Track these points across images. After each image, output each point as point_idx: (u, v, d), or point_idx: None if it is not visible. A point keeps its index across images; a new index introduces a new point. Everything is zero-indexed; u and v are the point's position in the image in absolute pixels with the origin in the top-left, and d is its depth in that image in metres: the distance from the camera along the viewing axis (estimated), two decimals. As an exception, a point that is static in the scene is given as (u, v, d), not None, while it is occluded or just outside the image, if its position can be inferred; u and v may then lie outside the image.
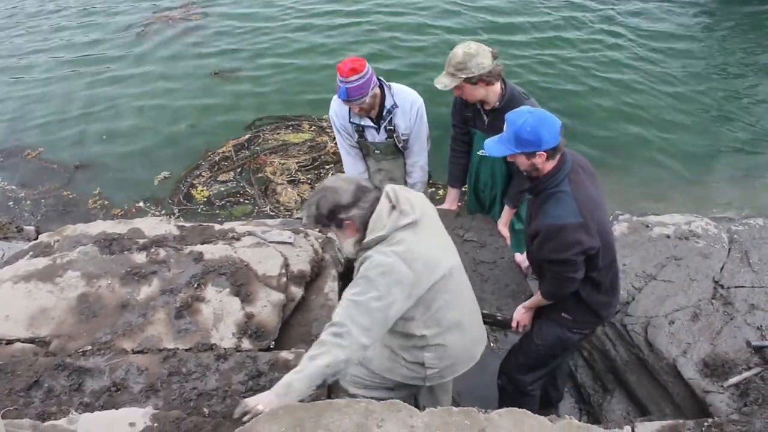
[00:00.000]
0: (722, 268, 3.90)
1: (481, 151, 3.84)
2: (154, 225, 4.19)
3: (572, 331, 3.18)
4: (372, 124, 3.90)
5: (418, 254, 2.48)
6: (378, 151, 4.04)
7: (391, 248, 2.45)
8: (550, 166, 2.79)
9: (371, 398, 2.64)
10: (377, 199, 2.55)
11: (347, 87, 3.58)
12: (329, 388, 3.16)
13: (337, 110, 3.96)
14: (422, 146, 4.05)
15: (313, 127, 7.54)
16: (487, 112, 3.68)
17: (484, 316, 3.36)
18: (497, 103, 3.60)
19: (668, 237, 4.18)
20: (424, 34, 9.35)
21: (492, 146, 2.86)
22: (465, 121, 3.86)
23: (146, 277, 3.66)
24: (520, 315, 3.29)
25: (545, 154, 2.73)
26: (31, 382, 3.04)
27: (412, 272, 2.45)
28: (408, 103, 3.87)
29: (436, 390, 3.01)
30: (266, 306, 3.54)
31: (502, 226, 3.89)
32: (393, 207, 2.53)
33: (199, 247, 3.89)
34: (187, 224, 4.31)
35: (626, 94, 8.02)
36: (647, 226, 4.31)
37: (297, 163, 6.96)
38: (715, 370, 3.31)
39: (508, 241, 3.87)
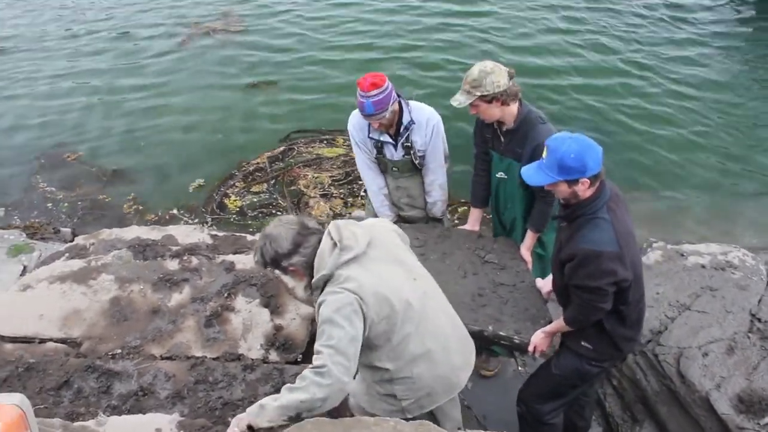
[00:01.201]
0: (760, 300, 3.80)
1: (500, 173, 3.81)
2: (187, 233, 4.25)
3: (591, 363, 3.10)
4: (390, 140, 3.91)
5: (368, 287, 2.48)
6: (396, 169, 4.04)
7: (341, 286, 2.47)
8: (589, 193, 2.72)
9: None
10: (320, 241, 2.56)
11: (367, 102, 3.60)
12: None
13: (357, 125, 3.98)
14: (439, 164, 4.03)
15: (348, 142, 7.54)
16: (504, 134, 3.66)
17: (501, 338, 3.30)
18: (513, 125, 3.58)
19: (703, 267, 4.10)
20: (446, 71, 9.25)
21: (530, 175, 2.78)
22: (485, 141, 3.84)
23: (178, 284, 3.70)
24: (539, 339, 3.21)
25: (588, 181, 2.66)
26: (62, 381, 3.09)
27: (364, 304, 2.45)
28: (424, 119, 3.87)
29: (438, 416, 2.94)
30: (295, 318, 3.56)
31: (525, 250, 3.84)
32: (335, 244, 2.52)
33: (230, 257, 3.93)
34: (220, 233, 4.36)
35: (658, 128, 7.87)
36: (682, 255, 4.23)
37: (330, 177, 6.99)
38: (750, 406, 3.21)
39: (530, 266, 3.82)
